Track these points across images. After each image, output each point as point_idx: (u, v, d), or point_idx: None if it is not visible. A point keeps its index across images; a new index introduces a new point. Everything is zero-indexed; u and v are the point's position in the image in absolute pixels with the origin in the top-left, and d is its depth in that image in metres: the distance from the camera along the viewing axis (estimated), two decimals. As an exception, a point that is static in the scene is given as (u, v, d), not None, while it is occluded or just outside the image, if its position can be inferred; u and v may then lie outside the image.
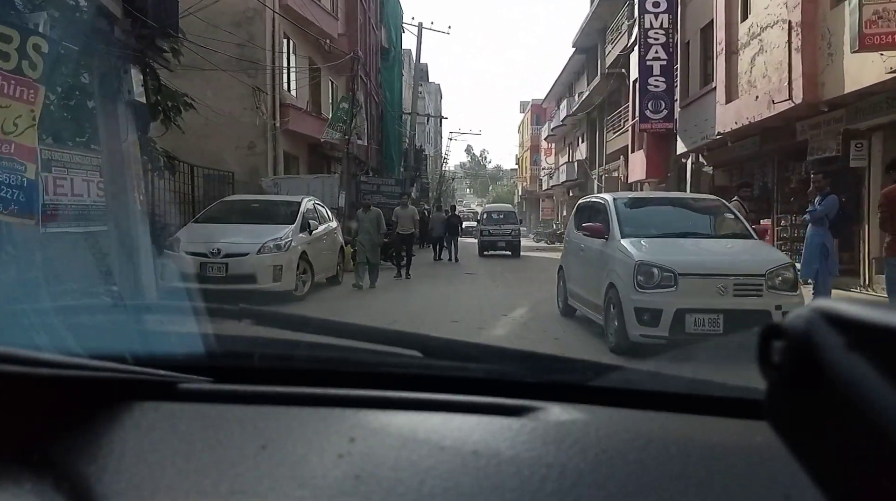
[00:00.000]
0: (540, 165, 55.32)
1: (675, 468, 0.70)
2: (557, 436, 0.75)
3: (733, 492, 0.67)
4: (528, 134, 60.78)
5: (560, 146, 46.99)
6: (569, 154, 42.71)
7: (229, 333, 1.03)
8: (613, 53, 26.37)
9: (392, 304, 10.20)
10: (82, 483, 0.65)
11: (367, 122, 31.07)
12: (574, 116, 36.92)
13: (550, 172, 45.45)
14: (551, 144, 50.41)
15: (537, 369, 0.99)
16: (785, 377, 0.46)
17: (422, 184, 42.84)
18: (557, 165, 44.87)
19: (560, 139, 45.89)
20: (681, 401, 0.88)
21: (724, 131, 13.92)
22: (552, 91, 46.09)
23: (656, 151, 21.45)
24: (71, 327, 1.00)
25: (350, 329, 1.06)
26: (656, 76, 18.51)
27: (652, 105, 18.56)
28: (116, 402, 0.79)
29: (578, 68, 37.96)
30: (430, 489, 0.64)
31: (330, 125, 17.00)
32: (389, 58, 33.66)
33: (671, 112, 18.56)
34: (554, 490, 0.64)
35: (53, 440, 0.71)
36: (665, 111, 18.54)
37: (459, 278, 14.75)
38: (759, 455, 0.70)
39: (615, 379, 0.95)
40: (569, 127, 40.84)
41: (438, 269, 19.37)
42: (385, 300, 10.56)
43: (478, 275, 15.39)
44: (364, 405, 0.83)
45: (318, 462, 0.69)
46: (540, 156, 55.76)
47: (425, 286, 12.57)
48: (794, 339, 0.45)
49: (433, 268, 19.60)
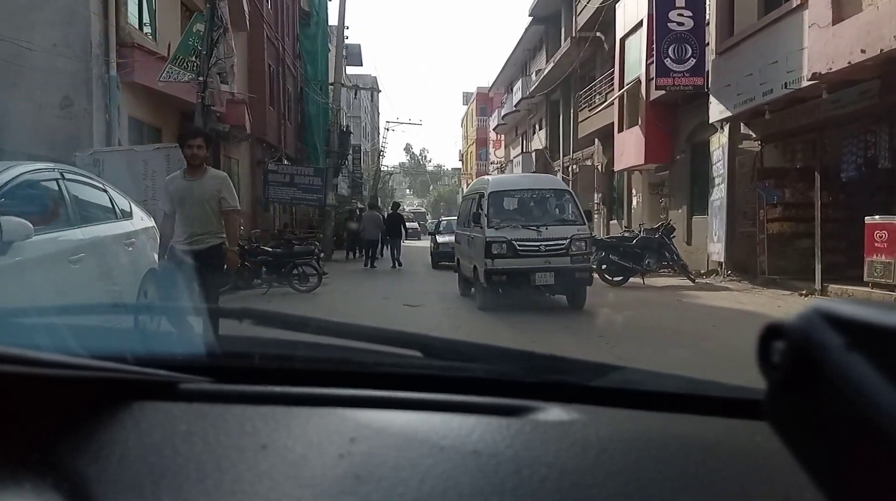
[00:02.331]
0: (488, 159, 49.99)
1: (675, 468, 0.71)
2: (557, 436, 0.75)
3: (733, 492, 0.68)
4: (472, 127, 55.36)
5: (511, 137, 41.70)
6: (522, 144, 37.41)
7: (230, 333, 1.09)
8: (589, 10, 21.09)
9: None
10: (82, 483, 0.65)
11: (283, 98, 25.04)
12: (531, 99, 31.59)
13: (501, 166, 40.09)
14: (500, 136, 45.10)
15: (537, 369, 1.00)
16: (785, 377, 0.46)
17: (353, 178, 36.73)
18: (509, 158, 39.54)
19: (511, 129, 40.59)
20: (681, 401, 0.88)
21: (829, 71, 8.51)
22: (502, 75, 40.74)
23: (660, 125, 16.15)
24: (71, 327, 1.02)
25: (350, 329, 1.07)
26: (680, 9, 13.12)
27: (674, 51, 13.15)
28: (117, 402, 0.79)
29: (535, 43, 32.67)
30: (431, 488, 0.64)
31: (174, 60, 10.78)
32: (311, 24, 27.55)
33: (701, 62, 13.22)
34: (554, 490, 0.65)
35: (53, 440, 0.71)
36: (692, 60, 13.20)
37: (393, 314, 9.05)
38: (759, 455, 0.71)
39: (615, 379, 0.95)
40: (522, 113, 35.52)
41: (364, 281, 14.24)
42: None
43: (422, 312, 9.61)
44: (364, 405, 0.83)
45: (318, 462, 0.69)
46: (487, 149, 50.43)
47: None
48: (794, 339, 0.45)
49: (357, 280, 13.98)
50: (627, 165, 17.87)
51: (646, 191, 18.57)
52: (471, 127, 56.62)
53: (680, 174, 16.09)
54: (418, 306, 9.98)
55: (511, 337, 7.11)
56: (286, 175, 20.55)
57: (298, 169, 20.98)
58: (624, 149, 17.91)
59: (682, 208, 16.00)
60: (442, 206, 74.47)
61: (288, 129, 24.83)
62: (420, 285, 13.98)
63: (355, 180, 36.41)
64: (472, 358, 1.03)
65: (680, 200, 16.16)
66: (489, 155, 49.62)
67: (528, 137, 35.84)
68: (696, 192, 15.56)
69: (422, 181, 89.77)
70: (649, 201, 18.54)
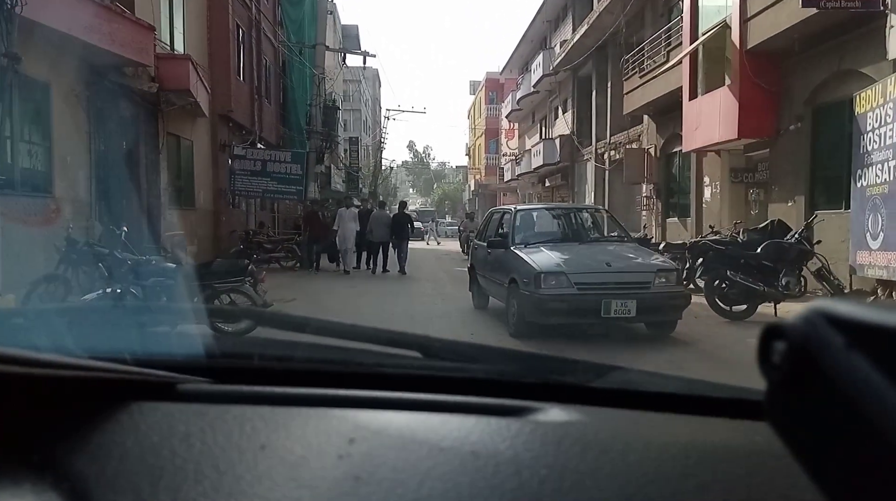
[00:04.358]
0: (499, 152, 45.42)
1: (675, 469, 0.70)
2: (557, 437, 0.75)
3: (733, 493, 0.68)
4: (481, 117, 50.73)
5: (527, 125, 37.15)
6: (542, 131, 32.88)
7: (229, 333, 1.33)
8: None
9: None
10: (81, 484, 0.65)
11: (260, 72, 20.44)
12: (554, 76, 27.08)
13: (516, 159, 35.53)
14: (514, 125, 40.53)
15: (537, 369, 1.00)
16: (785, 377, 0.45)
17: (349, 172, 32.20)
18: (525, 147, 35.01)
19: (527, 115, 36.06)
20: (681, 402, 0.89)
21: None
22: (515, 54, 36.19)
23: (763, 85, 11.66)
24: (71, 327, 1.01)
25: (349, 330, 1.06)
26: None
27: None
28: (116, 402, 0.78)
29: (559, 11, 28.18)
30: (430, 489, 0.64)
31: None
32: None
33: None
34: (553, 491, 0.65)
35: (53, 440, 0.71)
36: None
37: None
38: (759, 455, 0.71)
39: (615, 380, 0.95)
40: (542, 96, 31.01)
41: (373, 299, 10.47)
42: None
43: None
44: (364, 405, 0.83)
45: (317, 462, 0.69)
46: (499, 140, 45.85)
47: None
48: (794, 339, 0.44)
49: (355, 295, 10.57)
50: (704, 142, 13.35)
51: (725, 178, 14.08)
52: (479, 118, 51.86)
53: (791, 152, 11.57)
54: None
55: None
56: (256, 162, 16.09)
57: (272, 154, 16.48)
58: (699, 121, 13.40)
59: (792, 201, 11.50)
60: (447, 205, 70.45)
61: (266, 109, 20.30)
62: (454, 305, 9.83)
63: (351, 174, 31.83)
64: (471, 359, 1.04)
65: (789, 188, 11.65)
66: (500, 147, 45.00)
67: (549, 123, 31.29)
68: (818, 176, 11.08)
69: (425, 179, 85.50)
70: (730, 192, 14.05)
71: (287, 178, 16.03)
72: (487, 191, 49.20)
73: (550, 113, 31.10)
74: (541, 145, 28.62)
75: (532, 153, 30.15)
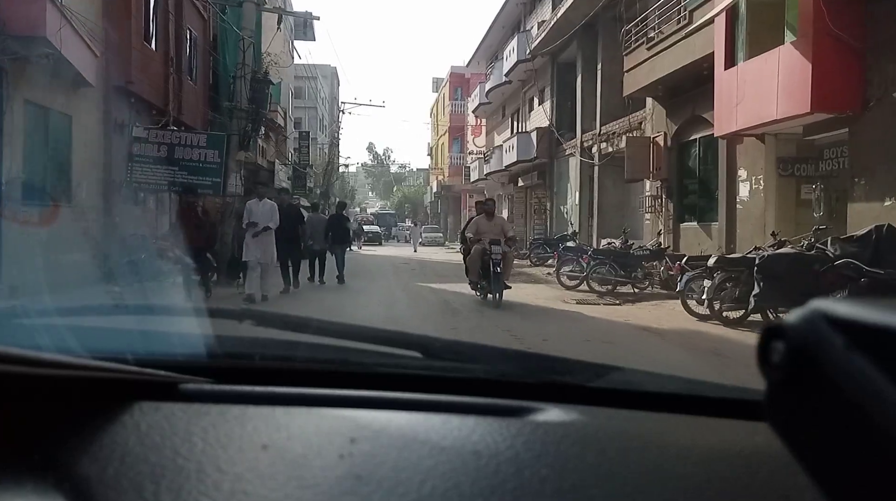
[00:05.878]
0: (464, 150, 42.03)
1: (675, 469, 0.70)
2: (557, 437, 0.75)
3: (733, 493, 0.67)
4: (444, 115, 47.25)
5: (497, 121, 33.86)
6: (513, 126, 29.60)
7: (230, 333, 1.03)
8: None
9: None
10: (83, 484, 0.65)
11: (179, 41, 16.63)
12: (530, 62, 23.83)
13: (485, 156, 32.16)
14: (481, 121, 37.22)
15: (537, 369, 0.99)
16: (785, 377, 0.45)
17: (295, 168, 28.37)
18: (495, 144, 31.69)
19: (497, 110, 32.76)
20: (680, 402, 0.88)
21: None
22: (483, 44, 32.88)
23: (846, 40, 8.47)
24: (72, 327, 1.00)
25: (350, 330, 1.06)
26: None
27: None
28: (117, 402, 0.78)
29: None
30: (431, 489, 0.64)
31: None
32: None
33: None
34: (554, 491, 0.65)
35: (54, 440, 0.71)
36: None
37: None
38: (758, 455, 0.71)
39: (615, 380, 0.94)
40: (515, 86, 27.73)
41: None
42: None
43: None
44: (364, 405, 0.82)
45: (318, 462, 0.69)
46: (464, 138, 42.48)
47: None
48: (794, 339, 0.44)
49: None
50: (751, 122, 10.10)
51: (770, 171, 10.88)
52: (442, 115, 48.39)
53: (887, 131, 8.39)
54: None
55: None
56: (161, 146, 12.34)
57: (183, 136, 12.70)
58: (741, 95, 10.16)
59: (891, 198, 8.34)
60: (407, 208, 66.91)
61: (187, 87, 16.47)
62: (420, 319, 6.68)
63: (298, 171, 28.00)
64: (472, 359, 1.03)
65: (883, 181, 8.49)
66: (466, 145, 41.63)
67: (523, 116, 28.01)
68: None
69: (385, 182, 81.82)
70: (777, 189, 10.86)
71: (201, 167, 12.33)
72: (451, 193, 45.76)
73: (524, 105, 27.83)
74: (514, 140, 25.31)
75: (504, 149, 26.83)
